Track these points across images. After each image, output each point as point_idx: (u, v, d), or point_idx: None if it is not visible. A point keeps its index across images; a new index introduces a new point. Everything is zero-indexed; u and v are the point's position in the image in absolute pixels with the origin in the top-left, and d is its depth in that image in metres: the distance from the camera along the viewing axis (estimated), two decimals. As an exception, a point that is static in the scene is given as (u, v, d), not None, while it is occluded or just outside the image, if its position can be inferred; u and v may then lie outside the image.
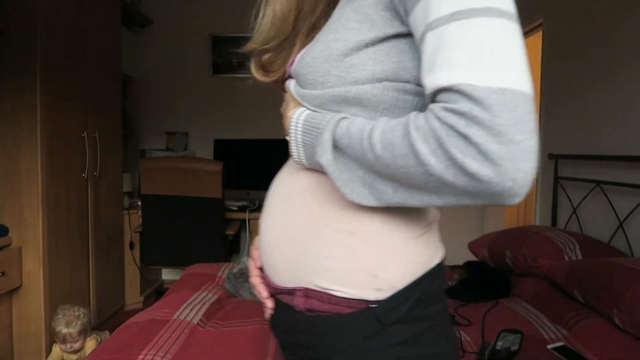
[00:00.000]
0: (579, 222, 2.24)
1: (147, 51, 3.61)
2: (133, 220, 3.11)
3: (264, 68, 0.67)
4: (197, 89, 3.66)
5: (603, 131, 2.10)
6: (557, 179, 2.44)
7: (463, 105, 0.39)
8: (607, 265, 1.52)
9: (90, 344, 2.10)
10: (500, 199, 0.40)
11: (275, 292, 0.62)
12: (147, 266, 3.03)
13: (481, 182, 0.39)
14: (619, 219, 1.94)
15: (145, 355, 1.27)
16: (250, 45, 0.66)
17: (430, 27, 0.42)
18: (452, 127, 0.39)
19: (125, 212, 3.07)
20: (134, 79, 3.52)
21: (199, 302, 1.69)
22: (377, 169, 0.46)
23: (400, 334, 0.53)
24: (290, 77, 0.61)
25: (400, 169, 0.43)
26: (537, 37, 2.88)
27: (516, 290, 1.92)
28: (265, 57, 0.66)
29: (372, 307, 0.53)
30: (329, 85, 0.53)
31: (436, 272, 0.56)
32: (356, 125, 0.48)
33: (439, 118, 0.40)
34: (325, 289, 0.54)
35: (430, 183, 0.42)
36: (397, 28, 0.49)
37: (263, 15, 0.65)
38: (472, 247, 2.26)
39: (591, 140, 2.19)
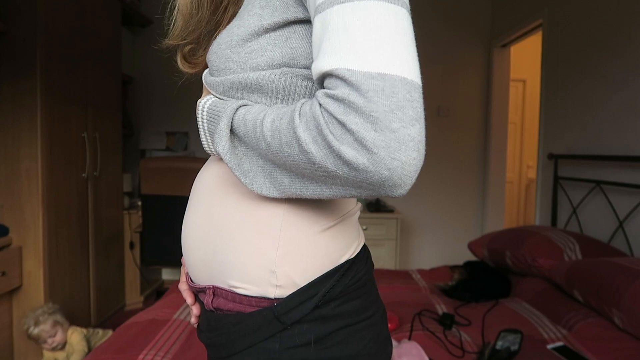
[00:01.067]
0: (578, 222, 2.24)
1: (147, 51, 3.61)
2: (133, 220, 3.11)
3: (187, 59, 0.65)
4: (197, 89, 3.66)
5: (603, 131, 2.10)
6: (557, 179, 2.44)
7: (342, 91, 0.37)
8: (607, 265, 1.53)
9: (74, 335, 2.06)
10: (382, 189, 0.38)
11: (195, 291, 0.60)
12: (147, 266, 3.03)
13: (358, 171, 0.37)
14: (618, 219, 1.94)
15: (145, 355, 1.27)
16: (167, 41, 0.63)
17: (317, 10, 0.41)
18: (331, 114, 0.37)
19: (125, 212, 3.07)
20: (134, 79, 3.52)
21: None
22: (271, 158, 0.44)
23: (305, 334, 0.49)
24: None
25: (288, 157, 0.41)
26: (537, 37, 2.88)
27: (516, 290, 1.92)
28: (187, 48, 0.64)
29: (273, 305, 0.49)
30: (230, 71, 0.51)
31: (349, 268, 0.53)
32: (252, 113, 0.46)
33: (321, 105, 0.38)
34: (231, 286, 0.52)
35: (316, 172, 0.40)
36: (297, 14, 0.48)
37: (177, 11, 0.61)
38: (472, 247, 2.26)
39: (591, 140, 2.19)
